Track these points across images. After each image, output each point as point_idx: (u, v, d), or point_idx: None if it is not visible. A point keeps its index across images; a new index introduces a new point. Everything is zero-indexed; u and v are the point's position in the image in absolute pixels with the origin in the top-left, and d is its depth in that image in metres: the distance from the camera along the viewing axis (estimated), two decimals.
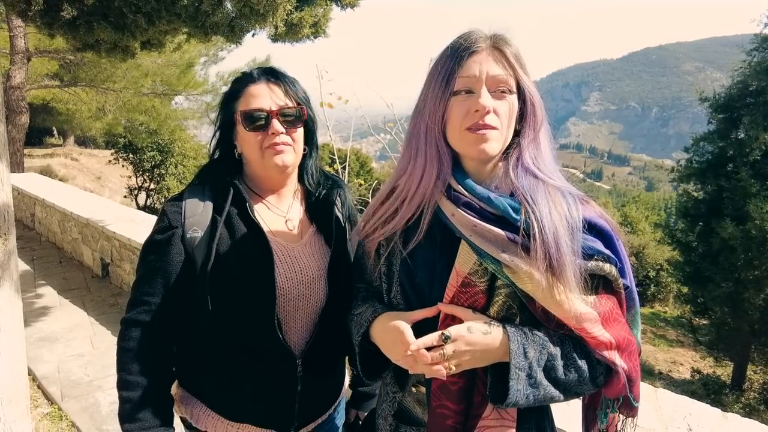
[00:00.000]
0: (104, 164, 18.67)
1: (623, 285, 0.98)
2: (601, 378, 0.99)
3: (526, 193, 0.94)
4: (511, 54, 0.97)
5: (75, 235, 6.21)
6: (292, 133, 1.23)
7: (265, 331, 1.18)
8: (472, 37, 0.97)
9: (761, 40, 11.94)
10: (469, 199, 0.97)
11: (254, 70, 1.25)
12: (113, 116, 13.14)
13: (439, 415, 1.01)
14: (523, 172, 0.98)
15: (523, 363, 0.91)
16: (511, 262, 0.91)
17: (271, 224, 1.27)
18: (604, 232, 0.97)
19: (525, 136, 1.00)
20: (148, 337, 1.19)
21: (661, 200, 43.19)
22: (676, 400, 2.32)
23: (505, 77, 0.96)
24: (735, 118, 12.06)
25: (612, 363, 0.95)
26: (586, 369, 0.96)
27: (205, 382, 1.27)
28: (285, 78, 1.25)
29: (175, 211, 1.21)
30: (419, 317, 1.00)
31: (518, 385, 0.90)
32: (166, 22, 3.53)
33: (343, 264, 1.31)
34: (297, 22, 3.31)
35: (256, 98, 1.20)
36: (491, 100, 0.95)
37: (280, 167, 1.22)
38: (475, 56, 0.96)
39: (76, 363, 3.80)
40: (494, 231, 0.93)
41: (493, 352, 0.93)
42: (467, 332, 0.93)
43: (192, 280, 1.18)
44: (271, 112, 1.19)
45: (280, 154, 1.21)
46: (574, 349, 0.96)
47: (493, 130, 0.96)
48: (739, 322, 11.58)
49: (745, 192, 11.06)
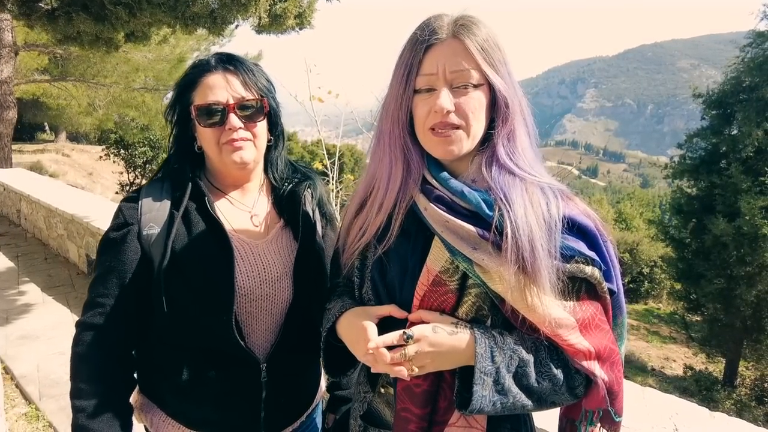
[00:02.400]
0: (96, 160, 18.51)
1: (608, 290, 0.92)
2: (581, 388, 0.92)
3: (500, 191, 0.88)
4: (473, 44, 0.88)
5: (61, 231, 6.12)
6: (252, 128, 1.14)
7: (223, 334, 1.11)
8: (431, 27, 0.89)
9: (755, 35, 11.94)
10: (442, 193, 0.92)
11: (211, 57, 1.16)
12: (104, 112, 13.02)
13: (402, 418, 0.96)
14: (498, 168, 0.91)
15: (490, 368, 0.85)
16: (482, 260, 0.86)
17: (233, 220, 1.20)
18: (587, 232, 0.90)
19: (498, 129, 0.93)
20: (103, 341, 1.12)
21: (655, 197, 43.33)
22: (663, 399, 2.28)
23: (466, 71, 0.88)
24: (728, 114, 12.07)
25: (591, 373, 0.89)
26: (561, 378, 0.89)
27: (163, 386, 1.19)
28: (243, 66, 1.15)
29: (131, 207, 1.15)
30: (384, 313, 0.95)
31: (483, 391, 0.85)
32: (148, 13, 3.45)
33: (312, 260, 1.24)
34: (281, 12, 3.23)
35: (212, 90, 1.11)
36: (450, 100, 0.88)
37: (238, 164, 1.14)
38: (433, 50, 0.89)
39: (56, 361, 3.72)
40: (465, 227, 0.88)
41: (459, 355, 0.87)
42: (431, 332, 0.88)
43: (149, 279, 1.12)
44: (228, 106, 1.11)
45: (238, 150, 1.13)
46: (550, 356, 0.90)
47: (456, 129, 0.90)
48: (732, 318, 11.64)
49: (736, 188, 11.08)
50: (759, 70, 11.50)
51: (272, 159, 1.28)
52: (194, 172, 1.19)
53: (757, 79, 11.54)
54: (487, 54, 0.89)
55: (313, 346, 1.25)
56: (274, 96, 1.21)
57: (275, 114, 1.22)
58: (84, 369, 1.11)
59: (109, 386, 1.12)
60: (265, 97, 1.16)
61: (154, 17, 3.53)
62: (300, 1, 3.30)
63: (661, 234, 14.40)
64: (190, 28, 3.49)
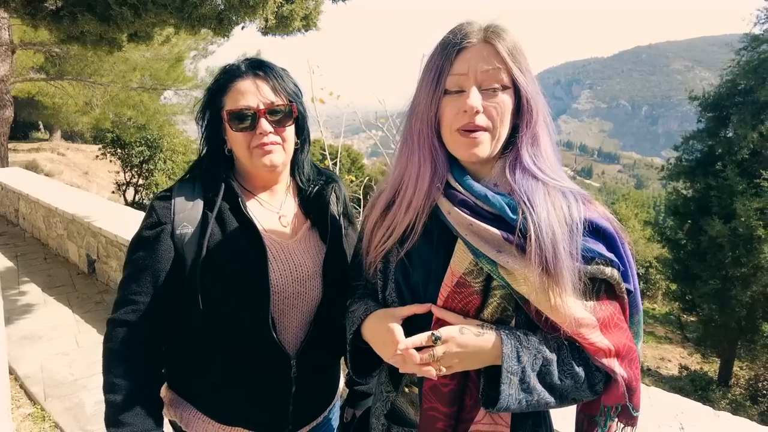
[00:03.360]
0: (92, 159, 18.43)
1: (626, 290, 0.94)
2: (600, 385, 0.95)
3: (524, 194, 0.90)
4: (503, 48, 0.91)
5: (60, 231, 6.10)
6: (281, 132, 1.18)
7: (258, 331, 1.14)
8: (463, 31, 0.93)
9: (750, 39, 12.05)
10: (466, 197, 0.95)
11: (241, 63, 1.19)
12: (101, 111, 12.94)
13: (429, 417, 0.98)
14: (522, 172, 0.93)
15: (516, 367, 0.88)
16: (506, 262, 0.88)
17: (263, 221, 1.23)
18: (607, 234, 0.93)
19: (522, 133, 0.95)
20: (136, 337, 1.14)
21: (650, 198, 43.61)
22: (668, 398, 2.31)
23: (495, 74, 0.91)
24: (724, 116, 12.17)
25: (611, 371, 0.92)
26: (583, 375, 0.92)
27: (195, 383, 1.22)
28: (273, 72, 1.18)
29: (164, 207, 1.17)
30: (408, 313, 0.98)
31: (510, 390, 0.87)
32: (153, 14, 3.45)
33: (339, 260, 1.27)
34: (288, 14, 3.24)
35: (244, 96, 1.15)
36: (480, 99, 0.91)
37: (268, 167, 1.18)
38: (465, 53, 0.92)
39: (60, 362, 3.72)
40: (490, 230, 0.90)
41: (485, 355, 0.90)
42: (459, 333, 0.90)
43: (182, 278, 1.14)
44: (259, 111, 1.14)
45: (268, 154, 1.16)
46: (572, 355, 0.93)
47: (484, 132, 0.92)
48: (726, 318, 11.73)
49: (732, 190, 11.18)
50: (754, 73, 11.61)
51: (299, 162, 1.32)
52: (226, 173, 1.22)
53: (752, 82, 11.65)
54: (515, 58, 0.92)
55: (339, 342, 1.28)
56: (301, 101, 1.24)
57: (302, 118, 1.25)
58: (117, 364, 1.13)
59: (141, 382, 1.14)
60: (293, 102, 1.20)
61: (159, 18, 3.53)
62: (307, 2, 3.32)
63: (657, 235, 14.49)
64: (196, 29, 3.49)
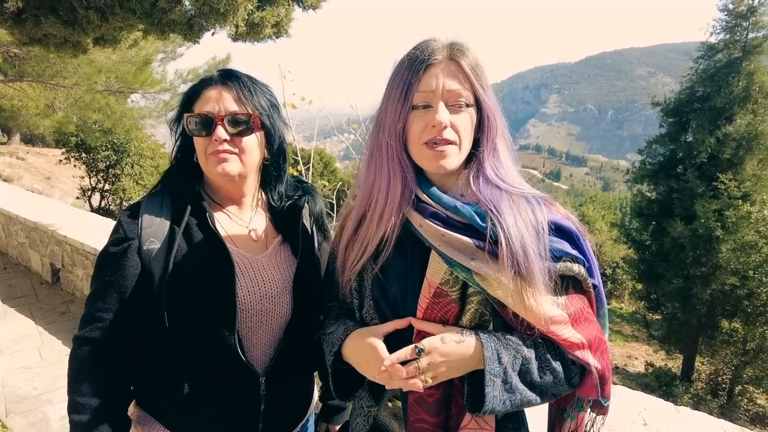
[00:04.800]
0: (54, 164, 17.77)
1: (592, 284, 1.00)
2: (577, 378, 0.99)
3: (490, 203, 0.95)
4: (467, 66, 0.96)
5: (21, 239, 5.87)
6: (239, 142, 1.15)
7: (225, 349, 1.12)
8: (429, 48, 0.96)
9: (707, 48, 12.62)
10: (436, 209, 0.97)
11: (216, 73, 1.19)
12: (64, 114, 12.49)
13: (417, 429, 1.00)
14: (485, 182, 0.98)
15: (498, 369, 0.91)
16: (480, 269, 0.91)
17: (233, 235, 1.22)
18: (570, 233, 0.98)
19: (484, 146, 1.00)
20: (102, 355, 1.12)
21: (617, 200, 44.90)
22: (632, 395, 2.41)
23: (461, 91, 0.95)
24: (684, 122, 12.69)
25: (585, 363, 0.96)
26: (561, 370, 0.96)
27: (163, 401, 1.20)
28: (240, 82, 1.18)
29: (131, 222, 1.15)
30: (389, 329, 0.99)
31: (494, 392, 0.90)
32: (121, 18, 3.39)
33: (310, 276, 1.26)
34: (258, 21, 3.23)
35: (207, 102, 1.15)
36: (448, 115, 0.95)
37: (221, 175, 1.16)
38: (431, 69, 0.95)
39: (22, 376, 3.58)
40: (462, 239, 0.93)
41: (468, 361, 0.93)
42: (441, 343, 0.93)
43: (149, 294, 1.12)
44: (217, 118, 1.13)
45: (222, 162, 1.14)
46: (548, 351, 0.96)
47: (451, 145, 0.96)
48: (688, 316, 12.19)
49: (692, 193, 11.66)
50: (711, 80, 12.16)
51: (270, 177, 1.29)
52: (195, 185, 1.21)
53: (709, 89, 12.21)
54: (477, 75, 0.97)
55: (310, 359, 1.28)
56: (271, 116, 1.21)
57: (271, 133, 1.22)
58: (82, 384, 1.11)
59: (107, 401, 1.12)
60: (259, 115, 1.18)
61: (127, 22, 3.46)
62: (278, 10, 3.31)
63: (623, 236, 14.96)
64: (165, 35, 3.44)
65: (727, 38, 12.25)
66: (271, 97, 1.23)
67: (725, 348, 11.70)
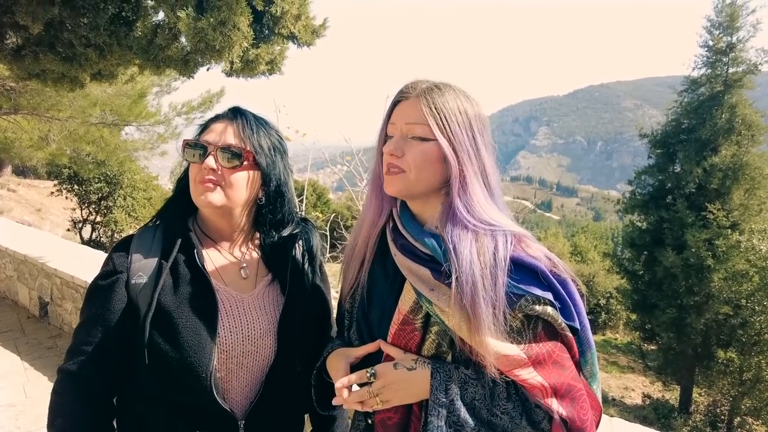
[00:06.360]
0: (45, 196, 17.70)
1: (571, 327, 0.97)
2: (545, 423, 0.95)
3: (450, 243, 0.95)
4: (431, 103, 0.98)
5: (10, 272, 5.79)
6: (228, 174, 1.14)
7: (200, 390, 1.08)
8: (408, 87, 1.03)
9: (690, 82, 13.02)
10: (406, 240, 1.03)
11: (228, 110, 1.22)
12: (57, 146, 12.52)
13: None
14: (452, 221, 0.97)
15: (444, 399, 0.92)
16: (438, 300, 0.94)
17: (222, 272, 1.20)
18: (538, 272, 0.94)
19: (452, 183, 0.99)
20: (84, 390, 1.09)
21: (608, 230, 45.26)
22: (629, 428, 2.37)
23: (416, 126, 0.99)
24: (671, 153, 12.96)
25: (548, 408, 0.93)
26: (517, 412, 0.94)
27: None
28: (245, 120, 1.18)
29: (121, 255, 1.15)
30: (363, 353, 1.05)
31: (439, 422, 0.92)
32: (118, 55, 3.46)
33: (297, 318, 1.22)
34: (253, 58, 3.31)
35: (210, 133, 1.16)
36: (398, 146, 1.00)
37: (203, 203, 1.14)
38: (400, 105, 1.04)
39: (5, 415, 3.47)
40: (422, 270, 0.97)
41: (417, 388, 0.95)
42: (392, 369, 0.97)
43: (134, 329, 1.10)
44: (211, 147, 1.13)
45: (206, 191, 1.13)
46: (507, 391, 0.95)
47: (400, 172, 1.00)
48: (684, 346, 12.13)
49: (682, 222, 11.80)
50: (695, 113, 12.50)
51: (264, 218, 1.26)
52: (189, 219, 1.21)
53: (694, 122, 12.53)
54: (437, 115, 0.98)
55: (295, 404, 1.25)
56: (270, 157, 1.20)
57: (267, 173, 1.20)
58: (63, 418, 1.08)
59: None
60: (255, 153, 1.17)
61: (124, 59, 3.54)
62: (272, 47, 3.40)
63: (616, 266, 14.99)
64: (161, 70, 3.51)
65: (709, 73, 12.64)
66: (275, 140, 1.23)
67: (722, 378, 11.58)
